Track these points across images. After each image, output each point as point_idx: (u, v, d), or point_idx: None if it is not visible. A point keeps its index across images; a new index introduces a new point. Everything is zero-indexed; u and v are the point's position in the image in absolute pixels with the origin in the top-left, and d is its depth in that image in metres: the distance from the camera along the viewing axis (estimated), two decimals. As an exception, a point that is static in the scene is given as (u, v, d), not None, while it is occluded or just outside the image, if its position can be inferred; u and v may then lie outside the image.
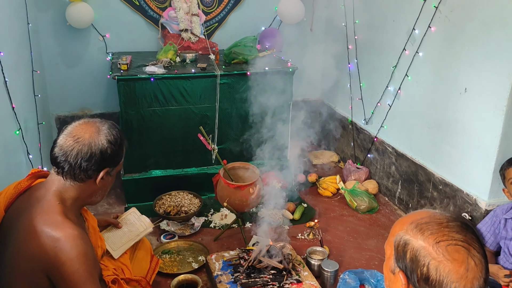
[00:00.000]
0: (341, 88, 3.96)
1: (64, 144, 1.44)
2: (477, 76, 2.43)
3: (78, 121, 1.51)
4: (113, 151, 1.49)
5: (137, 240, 2.04)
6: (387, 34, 3.21)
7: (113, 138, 1.49)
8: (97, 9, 3.50)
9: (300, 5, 3.84)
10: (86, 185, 1.50)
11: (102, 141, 1.46)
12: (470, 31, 2.45)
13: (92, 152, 1.44)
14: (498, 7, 2.26)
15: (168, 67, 3.23)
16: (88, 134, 1.45)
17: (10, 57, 2.40)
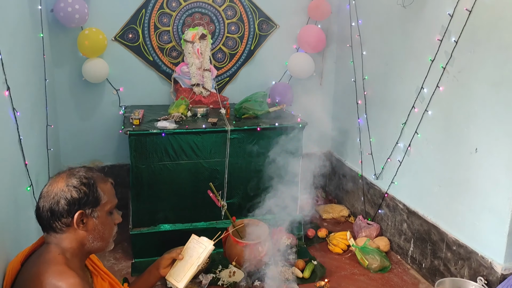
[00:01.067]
0: (350, 142, 3.97)
1: (40, 204, 1.52)
2: (487, 136, 2.43)
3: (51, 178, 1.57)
4: (80, 193, 1.51)
5: (199, 263, 1.99)
6: (396, 91, 3.25)
7: (77, 181, 1.52)
8: (112, 64, 3.61)
9: (309, 61, 3.93)
10: (71, 234, 1.53)
11: (64, 188, 1.50)
12: (478, 92, 2.47)
13: (56, 200, 1.49)
14: (506, 69, 2.29)
15: (180, 121, 3.27)
16: (53, 186, 1.52)
17: (26, 115, 2.46)
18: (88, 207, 1.54)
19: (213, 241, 2.15)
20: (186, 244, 2.15)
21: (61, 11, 3.21)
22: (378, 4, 3.40)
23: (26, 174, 2.40)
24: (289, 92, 3.97)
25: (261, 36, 3.96)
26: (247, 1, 3.84)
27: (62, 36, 3.47)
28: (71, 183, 1.51)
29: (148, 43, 3.71)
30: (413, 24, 3.00)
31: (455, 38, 2.60)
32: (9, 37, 2.22)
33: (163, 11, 3.68)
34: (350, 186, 4.00)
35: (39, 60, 2.97)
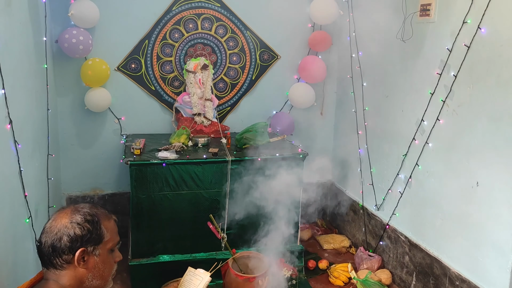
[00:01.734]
0: (351, 172, 3.97)
1: (42, 239, 1.50)
2: (488, 171, 2.43)
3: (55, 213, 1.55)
4: (83, 230, 1.50)
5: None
6: (397, 122, 3.26)
7: (81, 218, 1.51)
8: (114, 93, 3.65)
9: (310, 91, 3.97)
10: (71, 271, 1.50)
11: (67, 224, 1.49)
12: (478, 127, 2.48)
13: (59, 236, 1.47)
14: (505, 105, 2.30)
15: (181, 151, 3.28)
16: (57, 222, 1.50)
17: (27, 146, 2.47)
18: (90, 244, 1.52)
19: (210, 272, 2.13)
20: (183, 277, 2.13)
21: (65, 42, 3.26)
22: (378, 37, 3.45)
23: (25, 206, 2.40)
24: (290, 121, 4.00)
25: (263, 66, 4.01)
26: (249, 32, 3.90)
27: (65, 66, 3.51)
28: (75, 220, 1.50)
29: (150, 73, 3.76)
30: (413, 58, 3.04)
31: (454, 72, 2.63)
32: (13, 70, 2.25)
33: (166, 42, 3.73)
34: (351, 216, 3.97)
35: (42, 91, 3.00)
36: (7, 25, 2.15)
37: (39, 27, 2.96)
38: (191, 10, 3.74)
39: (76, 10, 3.25)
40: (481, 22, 2.42)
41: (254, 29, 3.91)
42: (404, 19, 3.06)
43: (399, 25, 3.12)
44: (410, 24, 3.02)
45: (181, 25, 3.74)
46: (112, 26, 3.58)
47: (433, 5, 2.80)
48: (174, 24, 3.72)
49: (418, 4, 2.94)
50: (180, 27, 3.74)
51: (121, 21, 3.59)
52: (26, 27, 2.59)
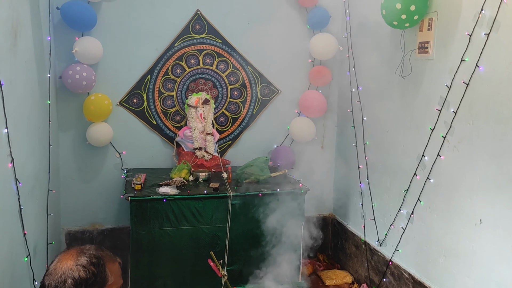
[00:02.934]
0: (353, 206, 3.95)
1: (45, 282, 1.47)
2: (491, 208, 2.41)
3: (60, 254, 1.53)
4: (88, 273, 1.47)
5: None
6: (397, 158, 3.27)
7: (86, 261, 1.49)
8: (116, 128, 3.67)
9: (311, 125, 3.99)
10: None
11: (73, 266, 1.47)
12: (479, 163, 2.48)
13: (63, 279, 1.45)
14: (505, 142, 2.31)
15: (181, 186, 3.27)
16: (62, 263, 1.48)
17: (28, 184, 2.46)
18: (94, 287, 1.50)
19: None
20: None
21: (69, 78, 3.30)
22: (377, 73, 3.49)
23: (24, 244, 2.37)
24: (291, 155, 4.00)
25: (263, 100, 4.05)
26: (250, 67, 3.96)
27: (68, 101, 3.55)
28: (81, 262, 1.48)
29: (152, 108, 3.79)
30: (412, 94, 3.07)
31: (454, 109, 2.65)
32: (17, 108, 2.27)
33: (168, 77, 3.78)
34: (353, 251, 3.92)
35: (44, 126, 3.02)
36: (12, 64, 2.18)
37: (44, 64, 3.01)
38: (193, 46, 3.80)
39: (80, 47, 3.30)
40: (479, 60, 2.45)
41: (255, 64, 3.97)
42: (403, 56, 3.11)
43: (398, 62, 3.16)
44: (409, 60, 3.06)
45: (183, 61, 3.79)
46: (115, 62, 3.63)
47: (431, 43, 2.85)
48: (176, 59, 3.78)
49: (416, 41, 2.99)
50: (182, 63, 3.80)
51: (124, 57, 3.65)
52: (30, 65, 2.63)
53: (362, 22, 3.75)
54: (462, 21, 2.59)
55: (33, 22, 2.66)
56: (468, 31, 2.51)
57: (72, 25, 3.32)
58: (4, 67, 2.00)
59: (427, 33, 2.87)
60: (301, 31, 4.02)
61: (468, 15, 2.53)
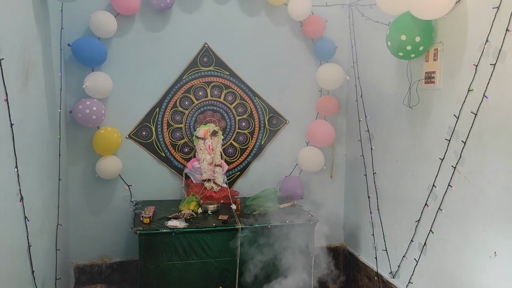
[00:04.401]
0: (364, 236, 3.89)
1: None
2: (506, 240, 2.35)
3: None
4: None
5: None
6: (407, 187, 3.23)
7: None
8: (125, 160, 3.69)
9: (319, 155, 3.98)
10: None
11: None
12: (491, 195, 2.44)
13: None
14: (517, 173, 2.28)
15: (190, 219, 3.26)
16: None
17: (37, 221, 2.47)
18: None
19: None
20: None
21: (79, 113, 3.35)
22: (385, 102, 3.50)
23: (32, 282, 2.36)
24: (300, 185, 3.98)
25: (271, 131, 4.06)
26: (257, 98, 3.99)
27: (78, 135, 3.58)
28: None
29: (161, 140, 3.81)
30: (421, 124, 3.06)
31: (463, 139, 2.63)
32: (27, 147, 2.30)
33: (176, 110, 3.82)
34: (365, 282, 3.84)
35: (55, 161, 3.05)
36: (23, 104, 2.22)
37: (55, 100, 3.06)
38: (201, 79, 3.85)
39: (91, 82, 3.36)
40: (486, 90, 2.44)
41: (262, 95, 4.00)
42: (410, 86, 3.11)
43: (405, 91, 3.17)
44: (416, 90, 3.06)
45: (191, 93, 3.84)
46: (125, 95, 3.68)
47: (437, 73, 2.85)
48: (184, 92, 3.82)
49: (422, 71, 2.99)
50: (190, 95, 3.84)
51: (133, 90, 3.71)
52: (42, 102, 2.67)
53: (368, 52, 3.78)
54: (468, 51, 2.59)
55: (45, 60, 2.72)
56: (474, 61, 2.51)
57: (83, 61, 3.39)
58: (15, 108, 2.03)
59: (433, 63, 2.88)
60: (308, 62, 4.06)
61: (474, 46, 2.54)
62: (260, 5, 3.92)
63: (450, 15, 2.68)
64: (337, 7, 4.05)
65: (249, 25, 3.92)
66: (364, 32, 3.86)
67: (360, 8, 3.86)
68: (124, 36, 3.65)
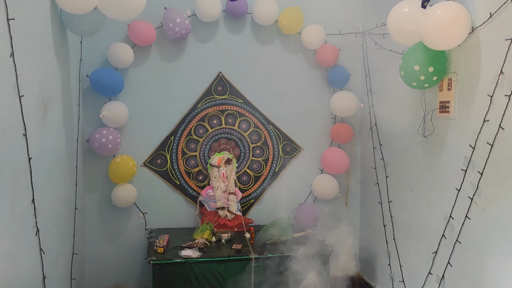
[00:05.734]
0: (380, 266, 3.82)
1: None
2: (526, 275, 2.29)
3: None
4: None
5: None
6: (424, 217, 3.18)
7: None
8: (140, 188, 3.72)
9: (334, 182, 3.96)
10: None
11: None
12: (510, 227, 2.38)
13: None
14: (536, 206, 2.23)
15: (204, 248, 3.25)
16: None
17: (53, 253, 2.49)
18: None
19: None
20: None
21: (96, 142, 3.41)
22: (399, 131, 3.48)
23: (47, 315, 2.37)
24: (314, 213, 3.95)
25: (285, 158, 4.06)
26: (271, 126, 4.01)
27: (95, 163, 3.64)
28: None
29: (175, 168, 3.84)
30: (436, 153, 3.03)
31: (480, 169, 2.59)
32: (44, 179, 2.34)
33: (191, 138, 3.86)
34: (382, 314, 3.76)
35: (71, 190, 3.09)
36: (42, 137, 2.27)
37: (72, 130, 3.12)
38: (215, 107, 3.89)
39: (107, 112, 3.43)
40: (502, 122, 2.42)
41: (276, 122, 4.02)
42: (424, 115, 3.10)
43: (420, 120, 3.15)
44: (430, 120, 3.05)
45: (205, 121, 3.88)
46: (140, 124, 3.74)
47: (452, 103, 2.83)
48: (199, 120, 3.86)
49: (437, 101, 2.98)
50: (204, 123, 3.88)
51: (148, 119, 3.76)
52: (60, 133, 2.73)
53: (381, 80, 3.79)
54: (482, 82, 2.58)
55: (64, 92, 2.79)
56: (489, 92, 2.49)
57: (100, 91, 3.47)
58: (34, 142, 2.08)
59: (448, 92, 2.87)
60: (322, 89, 4.08)
61: (488, 76, 2.52)
62: (274, 34, 3.98)
63: (464, 45, 2.68)
64: (351, 35, 4.08)
65: (263, 53, 3.97)
66: (377, 60, 3.87)
67: (373, 36, 3.89)
68: (140, 66, 3.73)
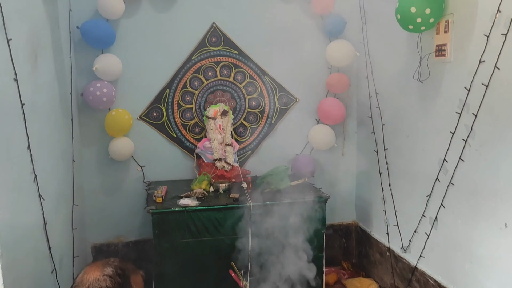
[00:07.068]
0: (375, 212, 3.90)
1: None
2: (516, 212, 2.34)
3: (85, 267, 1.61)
4: (114, 283, 1.54)
5: None
6: (418, 162, 3.21)
7: (112, 272, 1.56)
8: (137, 142, 3.73)
9: (330, 132, 3.97)
10: None
11: (100, 277, 1.54)
12: (503, 168, 2.42)
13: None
14: (529, 144, 2.25)
15: (202, 198, 3.30)
16: (88, 275, 1.56)
17: (52, 200, 2.53)
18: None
19: None
20: None
21: (90, 95, 3.39)
22: (395, 78, 3.46)
23: (49, 258, 2.43)
24: (311, 163, 3.98)
25: (282, 109, 4.05)
26: (267, 77, 3.98)
27: (90, 117, 3.63)
28: (107, 273, 1.56)
29: (171, 121, 3.84)
30: (431, 98, 3.03)
31: (474, 111, 2.60)
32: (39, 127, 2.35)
33: (186, 90, 3.83)
34: (377, 258, 3.87)
35: (67, 143, 3.10)
36: (34, 85, 2.26)
37: (65, 82, 3.10)
38: (210, 59, 3.85)
39: (100, 65, 3.39)
40: (498, 61, 2.40)
41: (272, 73, 3.99)
42: (420, 60, 3.07)
43: (416, 66, 3.12)
44: (426, 64, 3.02)
45: (200, 73, 3.84)
46: (134, 77, 3.71)
47: (448, 46, 2.80)
48: (193, 72, 3.83)
49: (433, 44, 2.94)
50: (199, 75, 3.85)
51: (142, 71, 3.72)
52: (52, 84, 2.71)
53: (378, 27, 3.73)
54: (479, 22, 2.54)
55: (54, 42, 2.75)
56: (485, 32, 2.46)
57: (92, 43, 3.42)
58: (26, 89, 2.07)
59: (444, 35, 2.83)
60: (317, 39, 4.02)
61: (485, 16, 2.49)
62: (268, -17, 3.88)
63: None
64: (346, -19, 3.98)
65: (257, 3, 3.87)
66: (373, 7, 3.80)
67: (369, -18, 3.80)
68: (132, 17, 3.65)
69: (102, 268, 1.57)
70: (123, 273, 1.59)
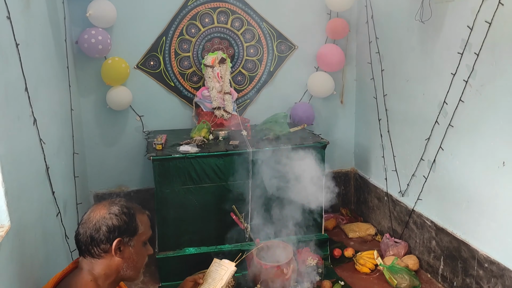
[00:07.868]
0: (374, 159, 3.93)
1: (80, 230, 1.60)
2: (515, 149, 2.37)
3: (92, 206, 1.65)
4: (120, 221, 1.58)
5: (222, 284, 2.05)
6: (418, 106, 3.21)
7: (118, 210, 1.60)
8: (135, 91, 3.70)
9: (329, 80, 3.94)
10: (107, 260, 1.59)
11: (106, 215, 1.58)
12: (502, 105, 2.42)
13: (98, 226, 1.56)
14: (530, 81, 2.24)
15: (202, 145, 3.31)
16: (95, 213, 1.60)
17: (53, 145, 2.53)
18: (126, 235, 1.60)
19: (235, 262, 2.17)
20: (209, 268, 2.17)
21: (85, 43, 3.32)
22: (396, 21, 3.39)
23: (54, 203, 2.46)
24: (310, 111, 3.98)
25: (280, 57, 4.00)
26: (265, 23, 3.90)
27: (86, 66, 3.58)
28: (113, 211, 1.59)
29: (169, 69, 3.80)
30: (433, 39, 2.98)
31: (476, 51, 2.57)
32: (36, 71, 2.31)
33: (183, 38, 3.76)
34: (375, 203, 3.94)
35: (65, 91, 3.07)
36: (27, 26, 2.20)
37: (59, 29, 3.03)
38: (206, 4, 3.75)
39: (94, 10, 3.30)
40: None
41: (270, 20, 3.90)
42: (423, 0, 3.00)
43: (418, 6, 3.06)
44: (428, 4, 2.96)
45: (197, 20, 3.76)
46: (130, 24, 3.63)
47: (451, -16, 2.74)
48: (190, 19, 3.74)
49: (435, -17, 2.87)
50: (196, 22, 3.76)
51: (138, 19, 3.64)
52: (46, 28, 2.65)
53: (378, -32, 3.62)
54: (483, -43, 2.47)
55: (46, -15, 2.66)
56: (490, -33, 2.40)
57: (84, -12, 3.32)
58: (19, 28, 2.01)
59: (447, -27, 2.76)
60: (316, -17, 3.91)
61: (490, -50, 2.41)
62: None
63: None
64: None
65: None
66: None
67: None
68: (125, -39, 3.53)
69: (109, 207, 1.61)
70: (129, 211, 1.62)
